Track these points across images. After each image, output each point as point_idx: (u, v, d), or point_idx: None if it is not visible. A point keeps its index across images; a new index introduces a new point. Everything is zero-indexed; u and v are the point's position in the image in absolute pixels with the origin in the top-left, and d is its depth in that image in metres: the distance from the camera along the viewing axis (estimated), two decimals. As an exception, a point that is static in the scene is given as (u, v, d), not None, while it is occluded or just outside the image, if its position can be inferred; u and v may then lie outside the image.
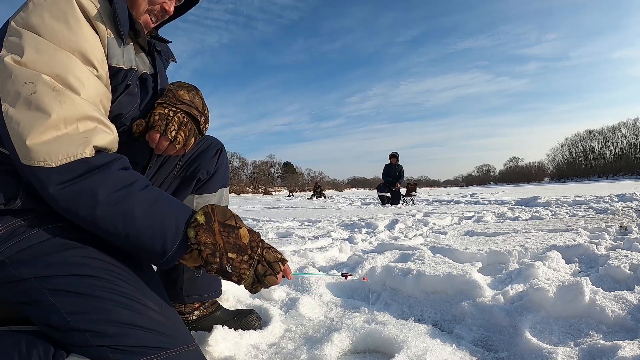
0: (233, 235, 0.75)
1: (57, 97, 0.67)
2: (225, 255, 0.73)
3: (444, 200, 9.98)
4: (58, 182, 0.66)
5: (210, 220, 0.74)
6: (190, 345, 0.73)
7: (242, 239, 0.75)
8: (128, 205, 0.69)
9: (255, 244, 0.77)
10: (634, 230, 2.67)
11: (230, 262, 0.74)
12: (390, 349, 1.01)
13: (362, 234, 3.19)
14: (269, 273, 0.77)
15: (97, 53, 0.76)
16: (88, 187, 0.67)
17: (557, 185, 38.83)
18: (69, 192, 0.67)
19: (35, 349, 0.69)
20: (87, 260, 0.72)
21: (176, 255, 0.73)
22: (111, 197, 0.68)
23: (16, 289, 0.69)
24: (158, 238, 0.71)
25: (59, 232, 0.73)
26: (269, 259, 0.78)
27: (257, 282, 0.78)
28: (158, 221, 0.71)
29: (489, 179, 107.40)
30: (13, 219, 0.71)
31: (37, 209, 0.73)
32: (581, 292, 1.11)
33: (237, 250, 0.74)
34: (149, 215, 0.71)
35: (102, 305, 0.68)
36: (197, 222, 0.73)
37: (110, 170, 0.70)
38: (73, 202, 0.67)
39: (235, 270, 0.74)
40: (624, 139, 72.13)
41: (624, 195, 6.78)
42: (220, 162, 1.14)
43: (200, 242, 0.72)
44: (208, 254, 0.73)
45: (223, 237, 0.74)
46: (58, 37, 0.70)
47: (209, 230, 0.73)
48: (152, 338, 0.68)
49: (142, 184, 0.73)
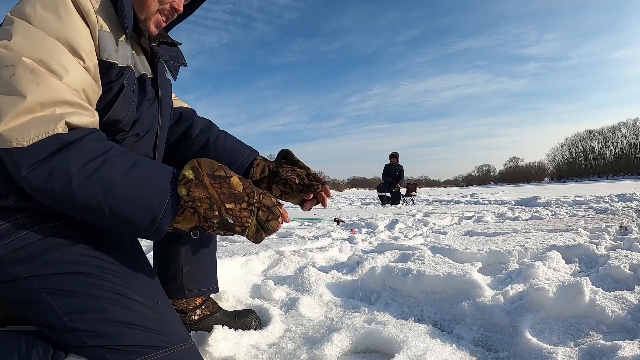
0: (226, 185, 0.71)
1: (35, 80, 0.65)
2: (223, 207, 0.70)
3: (444, 200, 9.98)
4: (30, 164, 0.62)
5: (199, 174, 0.70)
6: (187, 343, 0.73)
7: (236, 187, 0.72)
8: (105, 173, 0.65)
9: (250, 190, 0.73)
10: (634, 230, 2.67)
11: (229, 212, 0.70)
12: (390, 349, 1.01)
13: (362, 234, 3.19)
14: (270, 218, 0.74)
15: (86, 44, 0.74)
16: (60, 162, 0.63)
17: (557, 185, 38.82)
18: (41, 171, 0.63)
19: (34, 349, 0.69)
20: (83, 258, 0.71)
21: (167, 218, 0.69)
22: (85, 168, 0.64)
23: (13, 288, 0.69)
24: (143, 202, 0.66)
25: (54, 230, 0.73)
26: (267, 203, 0.75)
27: (260, 230, 0.74)
28: (141, 184, 0.67)
29: (489, 179, 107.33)
30: (6, 217, 0.70)
31: (31, 208, 0.72)
32: (581, 292, 1.11)
33: (234, 200, 0.71)
34: (130, 180, 0.66)
35: (98, 304, 0.67)
36: (186, 178, 0.69)
37: (83, 141, 0.66)
38: (47, 180, 0.63)
39: (237, 220, 0.71)
40: (624, 139, 72.11)
41: (624, 195, 6.78)
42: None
43: (195, 199, 0.69)
44: (206, 209, 0.69)
45: (216, 189, 0.70)
46: (47, 25, 0.69)
47: (200, 185, 0.69)
48: (148, 337, 0.68)
49: (117, 151, 0.69)
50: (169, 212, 0.68)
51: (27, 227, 0.71)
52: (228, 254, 1.98)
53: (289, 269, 1.88)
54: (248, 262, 1.92)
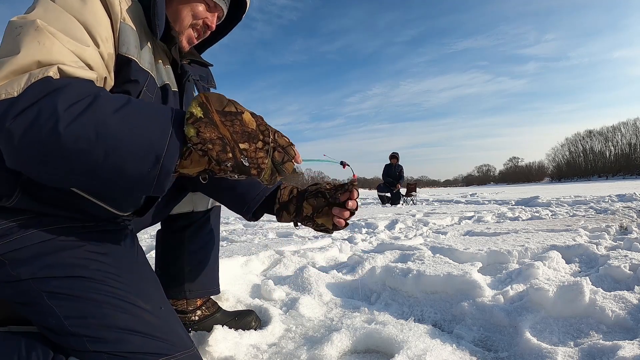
0: (238, 123, 0.63)
1: (37, 38, 0.60)
2: (237, 147, 0.63)
3: (444, 200, 9.97)
4: (16, 112, 0.55)
5: (209, 111, 0.62)
6: (190, 350, 0.73)
7: (249, 125, 0.64)
8: (96, 111, 0.57)
9: (264, 128, 0.66)
10: (634, 230, 2.67)
11: (244, 153, 0.63)
12: (390, 349, 1.01)
13: (362, 234, 3.19)
14: (286, 159, 0.68)
15: (103, 32, 0.70)
16: (46, 104, 0.56)
17: (557, 185, 38.81)
18: (25, 118, 0.55)
19: (34, 351, 0.68)
20: (85, 262, 0.71)
21: (171, 154, 0.60)
22: (74, 107, 0.56)
23: (14, 289, 0.69)
24: (142, 139, 0.58)
25: (56, 233, 0.72)
26: (282, 143, 0.68)
27: (275, 172, 0.68)
28: (137, 120, 0.59)
29: (489, 179, 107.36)
30: (8, 216, 0.69)
31: (34, 210, 0.72)
32: (581, 292, 1.11)
33: (248, 139, 0.64)
34: (124, 116, 0.58)
35: (99, 309, 0.67)
36: (194, 116, 0.61)
37: (71, 84, 0.59)
38: (31, 126, 0.55)
39: (252, 162, 0.64)
40: (624, 139, 72.13)
41: (624, 195, 6.77)
42: None
43: (206, 140, 0.61)
44: (218, 152, 0.62)
45: (227, 127, 0.62)
46: (68, 5, 0.67)
47: (210, 124, 0.61)
48: (150, 344, 0.68)
49: (107, 92, 0.63)
50: (173, 149, 0.60)
51: (29, 228, 0.70)
52: (228, 254, 1.98)
53: (289, 269, 1.88)
54: (248, 262, 1.92)
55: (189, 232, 1.15)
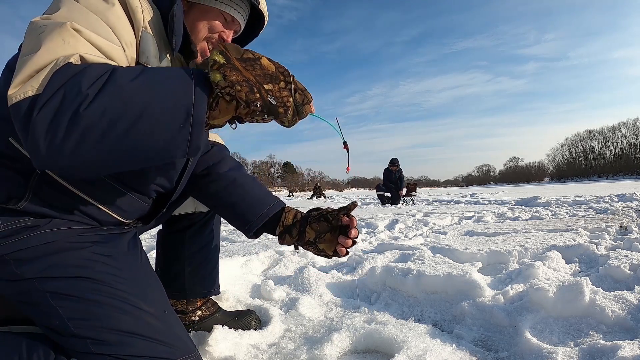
0: (258, 67, 0.65)
1: (61, 35, 0.59)
2: (262, 88, 0.64)
3: (444, 200, 9.97)
4: (41, 104, 0.54)
5: (230, 59, 0.63)
6: (192, 355, 0.73)
7: (269, 68, 0.66)
8: (117, 82, 0.57)
9: (283, 70, 0.68)
10: (634, 230, 2.67)
11: (270, 93, 0.65)
12: (390, 349, 1.01)
13: (362, 234, 3.19)
14: (305, 101, 0.70)
15: (127, 35, 0.70)
16: (70, 87, 0.55)
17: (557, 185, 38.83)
18: (49, 108, 0.54)
19: (35, 353, 0.68)
20: (90, 263, 0.71)
21: (200, 103, 0.60)
22: (96, 84, 0.56)
23: (17, 288, 0.69)
24: (169, 98, 0.58)
25: (62, 234, 0.72)
26: (300, 87, 0.70)
27: (296, 113, 0.69)
28: (160, 81, 0.60)
29: (489, 179, 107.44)
30: (16, 218, 0.70)
31: (43, 213, 0.72)
32: (581, 292, 1.11)
33: (271, 80, 0.65)
34: (145, 80, 0.58)
35: (103, 311, 0.67)
36: (218, 63, 0.62)
37: (90, 65, 0.59)
38: (57, 112, 0.54)
39: (279, 100, 0.65)
40: (624, 139, 72.20)
41: (624, 195, 6.77)
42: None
43: (234, 82, 0.62)
44: (247, 92, 0.63)
45: (250, 71, 0.64)
46: (93, 6, 0.67)
47: (234, 69, 0.63)
48: (153, 347, 0.67)
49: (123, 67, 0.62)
50: (201, 99, 0.61)
51: (34, 229, 0.70)
52: (228, 254, 1.98)
53: (289, 269, 1.88)
54: (248, 262, 1.92)
55: (190, 232, 1.15)
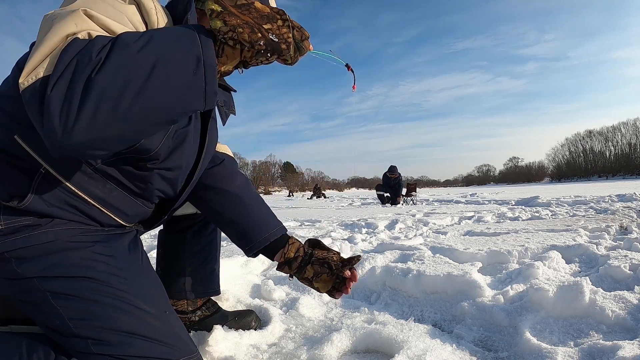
0: (254, 10, 0.67)
1: (74, 19, 0.59)
2: (262, 28, 0.66)
3: (444, 200, 9.98)
4: (54, 81, 0.54)
5: (225, 6, 0.65)
6: (193, 356, 0.73)
7: (263, 10, 0.68)
8: (123, 42, 0.57)
9: (277, 9, 0.70)
10: (634, 230, 2.67)
11: (270, 32, 0.67)
12: (390, 349, 1.01)
13: (362, 234, 3.19)
14: (304, 37, 0.72)
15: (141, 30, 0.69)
16: (80, 57, 0.55)
17: (557, 185, 38.83)
18: (63, 80, 0.54)
19: (35, 353, 0.68)
20: (92, 263, 0.71)
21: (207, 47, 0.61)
22: (104, 49, 0.56)
23: (18, 287, 0.68)
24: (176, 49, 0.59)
25: (64, 234, 0.72)
26: (296, 24, 0.72)
27: (296, 50, 0.71)
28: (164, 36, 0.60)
29: (489, 179, 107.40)
30: (17, 217, 0.69)
31: (45, 212, 0.71)
32: (581, 292, 1.11)
33: (268, 20, 0.68)
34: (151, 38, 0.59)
35: (104, 311, 0.67)
36: (215, 11, 0.64)
37: (97, 37, 0.59)
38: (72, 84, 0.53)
39: (280, 37, 0.68)
40: (624, 139, 72.18)
41: (624, 195, 6.77)
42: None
43: (235, 26, 0.64)
44: (249, 33, 0.65)
45: (247, 15, 0.66)
46: (109, 1, 0.66)
47: (232, 14, 0.65)
48: (154, 348, 0.67)
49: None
50: (207, 45, 0.61)
51: (35, 228, 0.70)
52: (228, 254, 1.98)
53: (289, 269, 1.88)
54: (248, 262, 1.92)
55: (191, 232, 1.15)
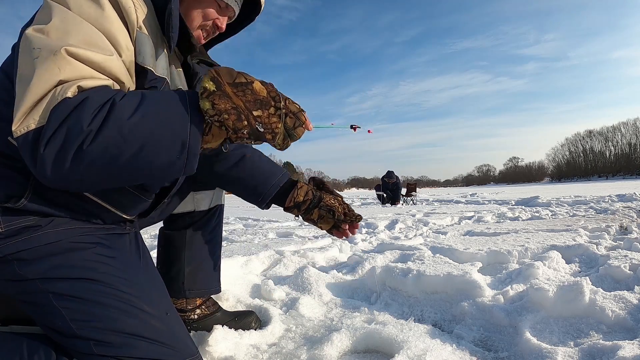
0: (249, 92, 0.67)
1: (57, 63, 0.60)
2: (250, 115, 0.66)
3: (444, 200, 9.97)
4: (46, 140, 0.57)
5: (220, 84, 0.65)
6: (194, 357, 0.73)
7: (260, 93, 0.68)
8: (116, 116, 0.59)
9: (274, 94, 0.69)
10: (634, 230, 2.67)
11: (258, 120, 0.67)
12: (390, 349, 1.01)
13: (362, 234, 3.19)
14: (297, 125, 0.71)
15: (122, 39, 0.70)
16: (71, 125, 0.57)
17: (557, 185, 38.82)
18: (53, 146, 0.57)
19: (36, 354, 0.68)
20: (94, 264, 0.71)
21: (195, 136, 0.64)
22: (96, 119, 0.58)
23: (20, 287, 0.68)
24: (166, 131, 0.61)
25: (65, 235, 0.72)
26: (293, 109, 0.71)
27: (287, 137, 0.72)
28: (156, 114, 0.62)
29: (489, 179, 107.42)
30: (17, 218, 0.69)
31: (44, 212, 0.71)
32: (581, 292, 1.11)
33: (261, 106, 0.67)
34: (144, 115, 0.61)
35: (107, 313, 0.67)
36: (207, 90, 0.64)
37: (88, 97, 0.60)
38: (61, 151, 0.57)
39: (266, 127, 0.68)
40: (624, 139, 72.19)
41: (624, 195, 6.78)
42: None
43: (221, 111, 0.64)
44: (234, 120, 0.65)
45: (240, 97, 0.66)
46: (85, 13, 0.66)
47: (224, 96, 0.65)
48: (156, 349, 0.67)
49: (120, 94, 0.64)
50: (196, 130, 0.64)
51: (37, 229, 0.70)
52: (228, 254, 1.98)
53: (289, 269, 1.88)
54: (248, 262, 1.92)
55: (191, 231, 1.15)
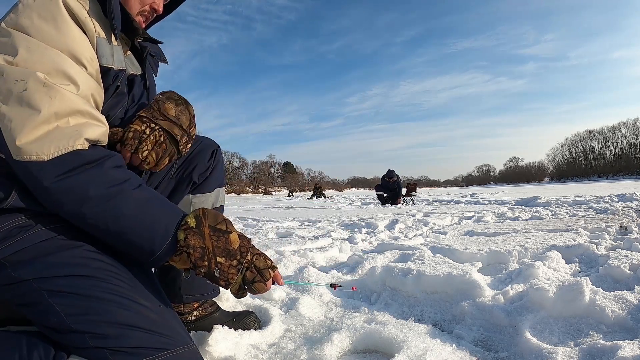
0: (223, 240, 0.75)
1: (48, 93, 0.68)
2: (214, 259, 0.74)
3: (444, 200, 9.98)
4: (53, 176, 0.66)
5: (201, 224, 0.74)
6: (189, 345, 0.73)
7: (232, 244, 0.76)
8: (118, 204, 0.69)
9: (245, 250, 0.77)
10: (634, 230, 2.67)
11: (218, 266, 0.74)
12: (390, 349, 1.01)
13: (362, 234, 3.19)
14: (257, 280, 0.78)
15: (86, 52, 0.76)
16: (81, 182, 0.68)
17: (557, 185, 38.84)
18: (62, 185, 0.67)
19: (35, 350, 0.68)
20: (86, 261, 0.71)
21: (165, 255, 0.74)
22: (102, 194, 0.68)
23: (15, 290, 0.69)
24: (146, 238, 0.71)
25: (56, 232, 0.73)
26: (259, 265, 0.78)
27: (243, 288, 0.78)
28: (148, 221, 0.72)
29: (489, 179, 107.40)
30: (6, 220, 0.70)
31: (31, 209, 0.72)
32: (581, 292, 1.11)
33: (227, 255, 0.75)
34: (138, 215, 0.71)
35: (101, 306, 0.67)
36: (187, 225, 0.74)
37: (104, 167, 0.70)
38: (65, 195, 0.68)
39: (223, 274, 0.75)
40: (624, 139, 72.12)
41: (624, 195, 6.78)
42: (216, 162, 1.15)
43: (190, 245, 0.73)
44: (196, 258, 0.73)
45: (213, 241, 0.74)
46: (47, 37, 0.72)
47: (198, 234, 0.74)
48: (151, 339, 0.68)
49: (134, 183, 0.74)
50: (168, 250, 0.73)
51: (28, 230, 0.71)
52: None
53: (289, 269, 1.88)
54: (248, 262, 1.92)
55: None
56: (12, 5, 0.76)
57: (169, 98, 0.91)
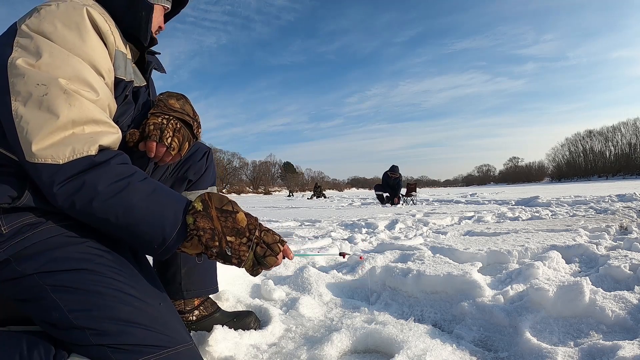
0: (231, 220, 0.76)
1: (67, 100, 0.70)
2: (224, 238, 0.75)
3: (444, 200, 9.98)
4: (62, 180, 0.68)
5: (208, 207, 0.76)
6: (189, 344, 0.74)
7: (240, 223, 0.77)
8: (127, 196, 0.71)
9: (253, 227, 0.78)
10: (634, 230, 2.67)
11: (229, 245, 0.75)
12: (390, 349, 1.01)
13: (362, 234, 3.19)
14: (268, 254, 0.79)
15: (105, 63, 0.80)
16: (88, 181, 0.69)
17: (557, 185, 38.84)
18: (70, 187, 0.69)
19: (36, 349, 0.69)
20: (89, 256, 0.73)
21: (176, 242, 0.74)
22: (110, 188, 0.70)
23: (18, 285, 0.69)
24: (157, 226, 0.72)
25: (63, 229, 0.74)
26: (268, 240, 0.79)
27: (257, 264, 0.79)
28: (157, 210, 0.73)
29: (489, 179, 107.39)
30: (18, 218, 0.72)
31: (42, 208, 0.74)
32: (581, 292, 1.11)
33: (236, 234, 0.76)
34: (148, 205, 0.72)
35: (103, 301, 0.68)
36: (195, 209, 0.75)
37: (110, 164, 0.72)
38: (73, 195, 0.69)
39: (235, 252, 0.76)
40: (624, 139, 72.11)
41: (624, 195, 6.78)
42: (208, 163, 1.22)
43: (199, 228, 0.74)
44: (207, 239, 0.74)
45: (221, 222, 0.76)
46: (70, 44, 0.74)
47: (207, 217, 0.75)
48: (152, 336, 0.68)
49: (140, 176, 0.75)
50: (179, 237, 0.74)
51: (35, 227, 0.72)
52: (228, 254, 1.98)
53: (289, 269, 1.88)
54: (248, 262, 1.92)
55: None
56: (31, 9, 0.78)
57: (169, 95, 1.00)
